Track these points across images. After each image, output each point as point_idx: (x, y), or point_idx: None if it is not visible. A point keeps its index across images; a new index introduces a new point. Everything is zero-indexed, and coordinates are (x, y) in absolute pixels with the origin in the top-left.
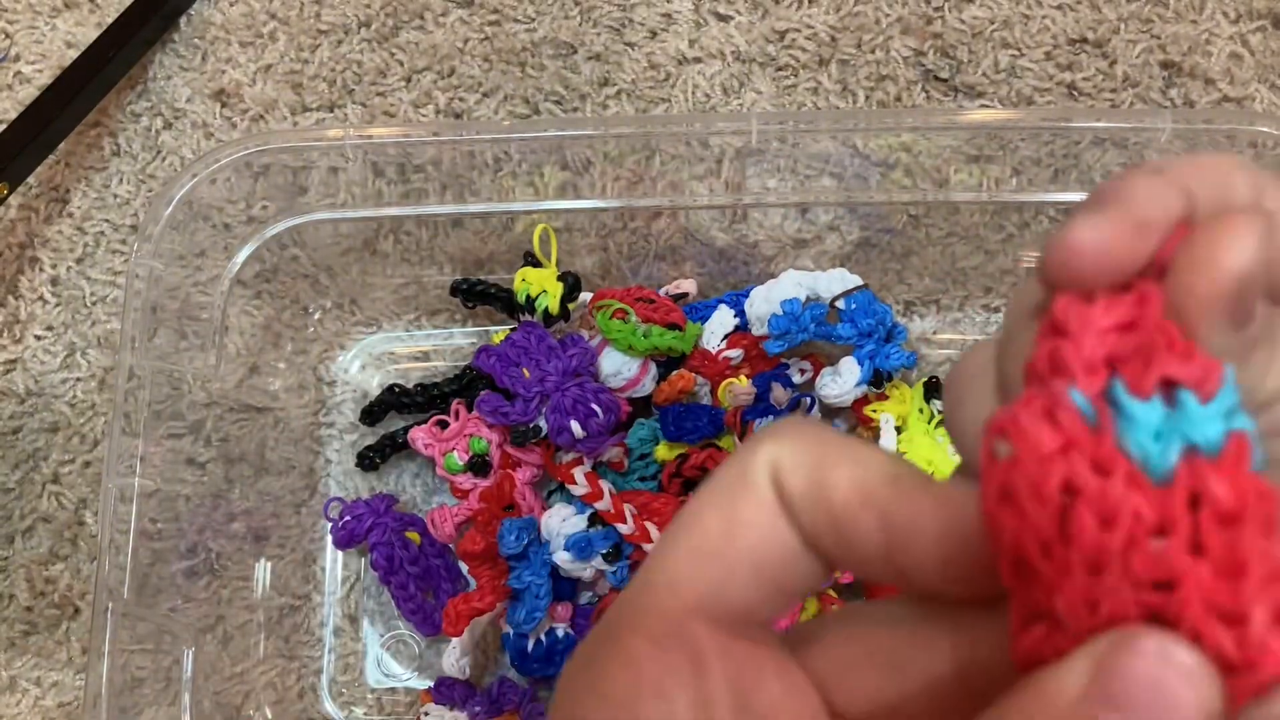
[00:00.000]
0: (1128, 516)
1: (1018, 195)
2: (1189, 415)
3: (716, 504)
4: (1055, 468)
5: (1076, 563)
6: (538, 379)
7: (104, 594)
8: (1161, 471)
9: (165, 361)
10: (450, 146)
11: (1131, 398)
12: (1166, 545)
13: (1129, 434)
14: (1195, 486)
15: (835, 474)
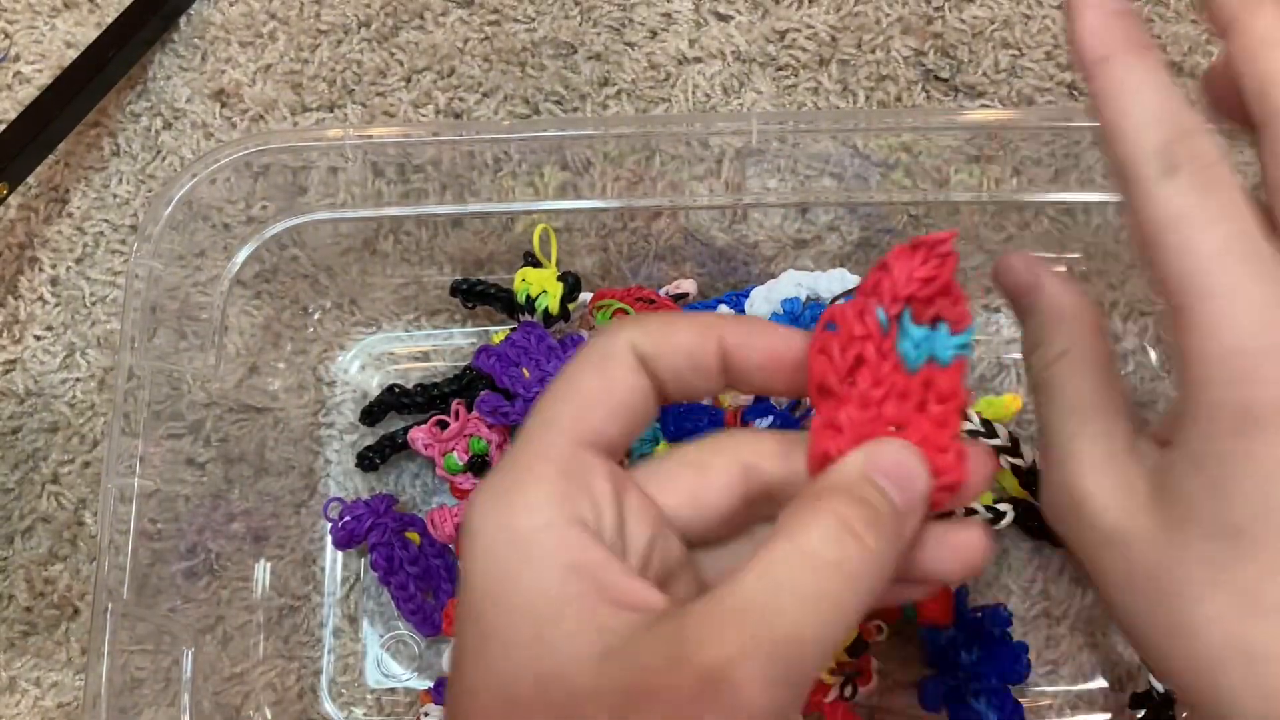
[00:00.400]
0: (886, 382)
1: (1018, 195)
2: (938, 339)
3: (592, 371)
4: (854, 343)
5: (855, 398)
6: (538, 379)
7: (103, 594)
8: (914, 366)
9: (165, 361)
10: (450, 146)
11: (910, 322)
12: (905, 403)
13: (903, 341)
14: (929, 377)
15: (676, 330)
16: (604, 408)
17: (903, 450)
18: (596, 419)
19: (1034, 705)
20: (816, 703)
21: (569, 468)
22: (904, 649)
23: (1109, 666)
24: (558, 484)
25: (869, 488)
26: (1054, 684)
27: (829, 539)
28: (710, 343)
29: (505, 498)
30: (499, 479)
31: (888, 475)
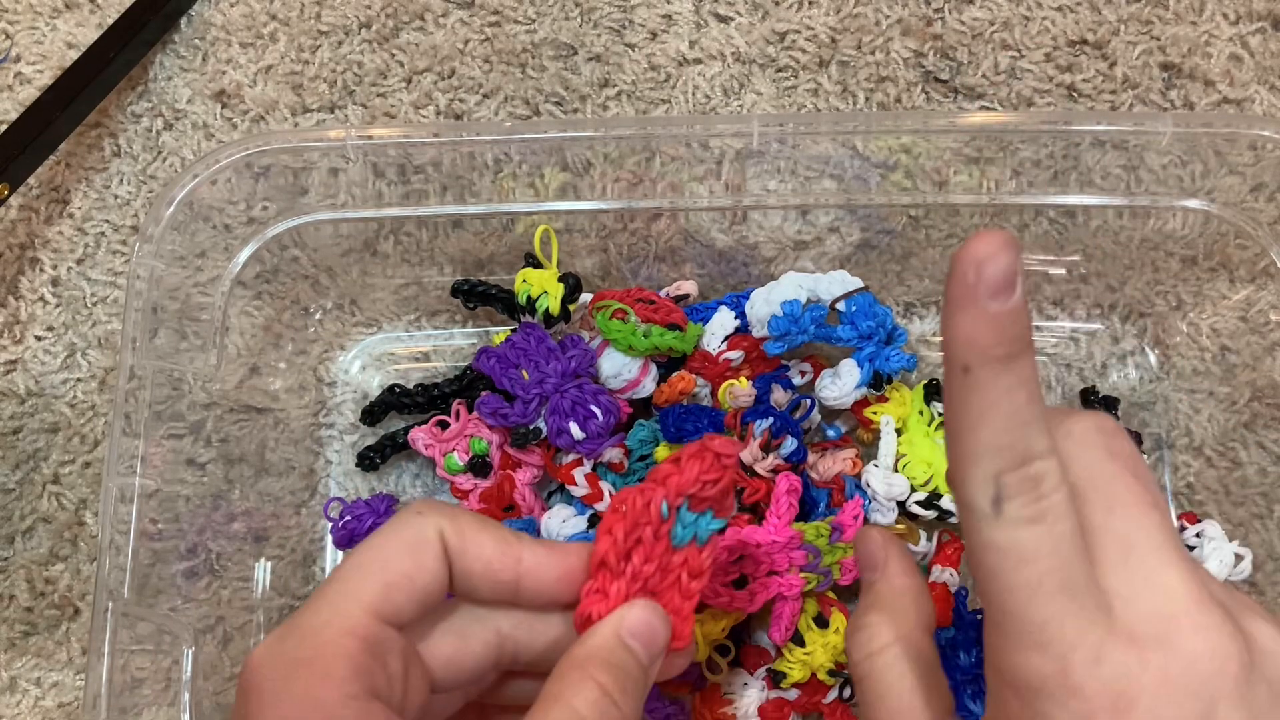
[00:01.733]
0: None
1: (1018, 197)
2: (702, 522)
3: (403, 552)
4: (636, 528)
5: (628, 573)
6: (537, 381)
7: (104, 594)
8: (679, 544)
9: (166, 362)
10: (450, 147)
11: (686, 511)
12: (665, 577)
13: (676, 526)
14: (687, 555)
15: (483, 539)
16: (408, 591)
17: (647, 611)
18: (400, 599)
19: None
20: (816, 703)
21: (372, 644)
22: None
23: None
24: (361, 659)
25: (621, 652)
26: None
27: (592, 703)
28: (509, 560)
29: (307, 666)
30: (296, 644)
31: (636, 636)
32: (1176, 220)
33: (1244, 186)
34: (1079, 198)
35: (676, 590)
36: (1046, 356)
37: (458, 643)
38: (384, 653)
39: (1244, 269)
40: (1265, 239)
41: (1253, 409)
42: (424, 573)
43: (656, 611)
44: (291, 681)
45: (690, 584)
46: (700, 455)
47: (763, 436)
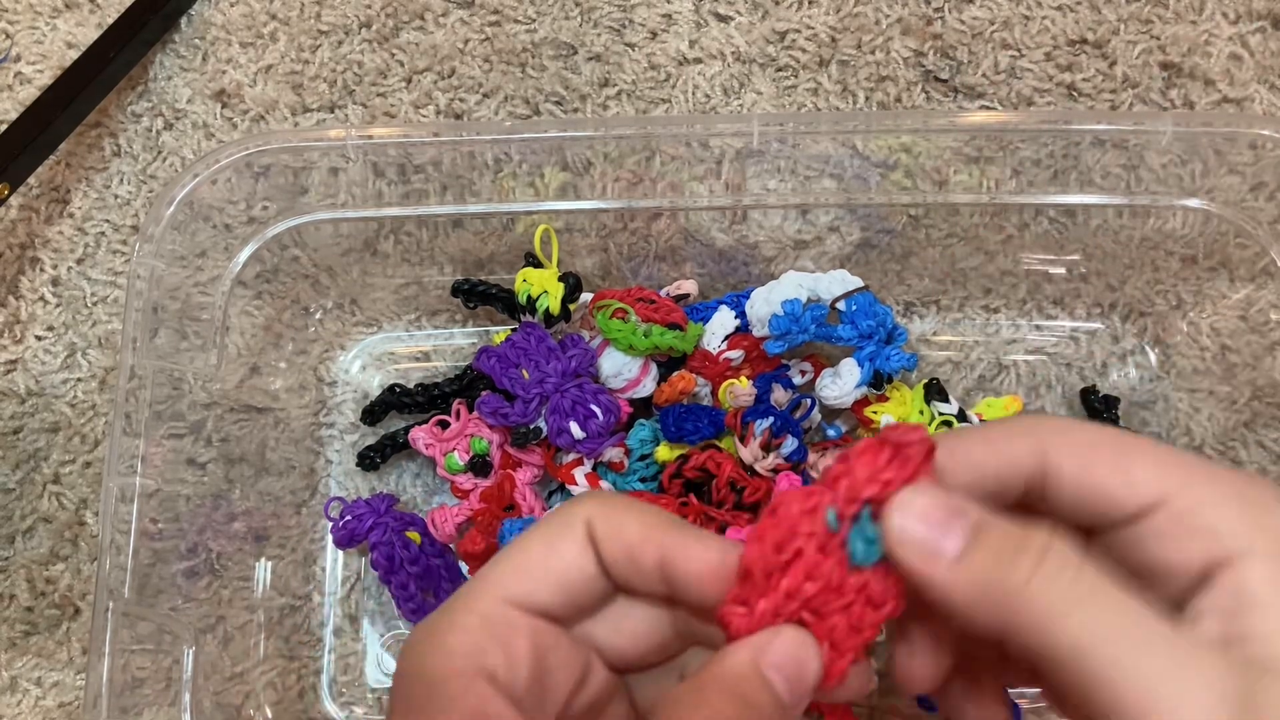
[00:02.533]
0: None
1: (1017, 196)
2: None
3: (542, 540)
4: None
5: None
6: (537, 380)
7: (104, 594)
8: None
9: (166, 361)
10: (450, 147)
11: (869, 521)
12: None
13: (854, 539)
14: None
15: (627, 521)
16: (540, 578)
17: (797, 643)
18: (531, 585)
19: (1033, 706)
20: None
21: (492, 624)
22: None
23: None
24: (476, 637)
25: (752, 684)
26: None
27: None
28: (651, 545)
29: (429, 640)
30: (433, 619)
31: (778, 669)
32: (1176, 219)
33: (1244, 186)
34: (1079, 197)
35: (846, 618)
36: (1047, 356)
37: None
38: (506, 635)
39: (1244, 268)
40: (1265, 238)
41: (1253, 408)
42: (560, 559)
43: (807, 644)
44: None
45: (866, 614)
46: (877, 450)
47: (763, 436)
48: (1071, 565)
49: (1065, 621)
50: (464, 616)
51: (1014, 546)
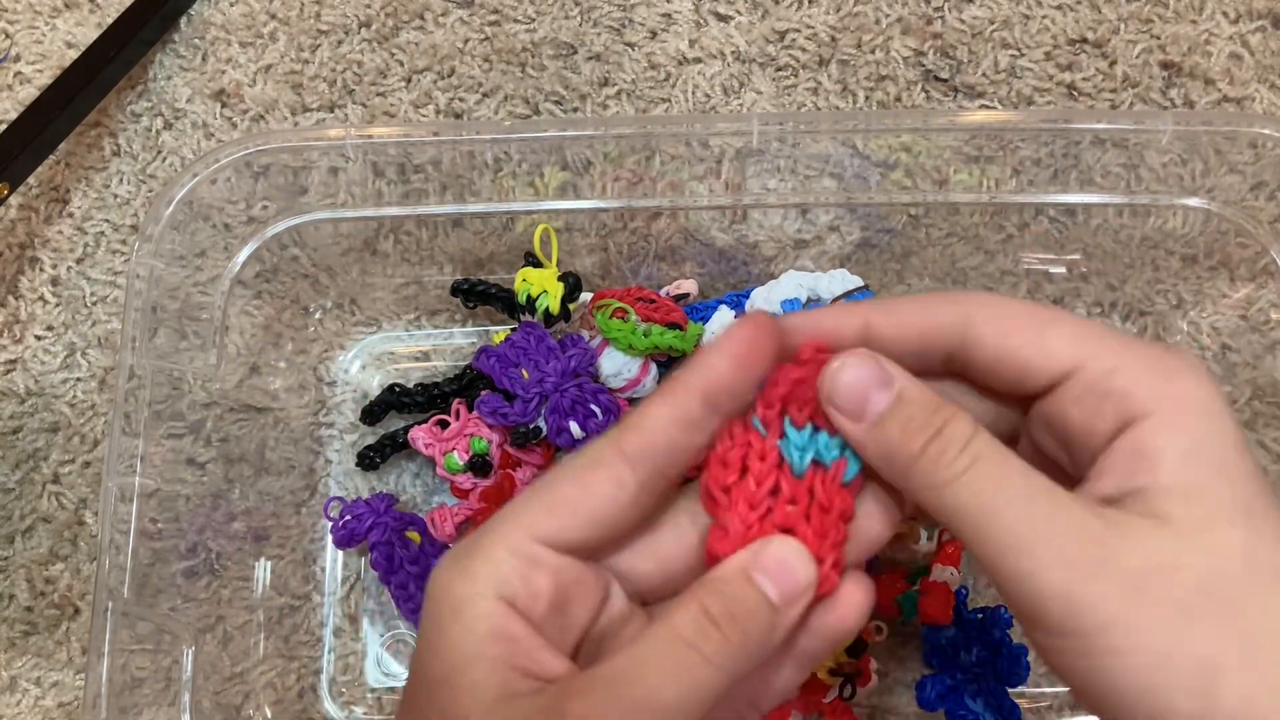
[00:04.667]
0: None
1: (1018, 196)
2: (819, 441)
3: (574, 477)
4: (737, 449)
5: (740, 502)
6: (536, 380)
7: (104, 594)
8: (799, 470)
9: (165, 361)
10: (450, 146)
11: (791, 425)
12: (793, 509)
13: (784, 445)
14: (813, 485)
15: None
16: (570, 516)
17: (785, 547)
18: (560, 522)
19: (1033, 706)
20: (816, 703)
21: (516, 556)
22: (904, 649)
23: None
24: (500, 566)
25: (740, 584)
26: (1054, 684)
27: (688, 622)
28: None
29: (457, 564)
30: (461, 545)
31: (767, 571)
32: (1177, 219)
33: (1244, 185)
34: (1079, 196)
35: (811, 529)
36: None
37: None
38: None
39: (1244, 267)
40: (1265, 237)
41: (1253, 408)
42: (593, 497)
43: (796, 550)
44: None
45: (825, 520)
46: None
47: None
48: (959, 441)
49: (945, 489)
50: (491, 548)
51: (920, 421)
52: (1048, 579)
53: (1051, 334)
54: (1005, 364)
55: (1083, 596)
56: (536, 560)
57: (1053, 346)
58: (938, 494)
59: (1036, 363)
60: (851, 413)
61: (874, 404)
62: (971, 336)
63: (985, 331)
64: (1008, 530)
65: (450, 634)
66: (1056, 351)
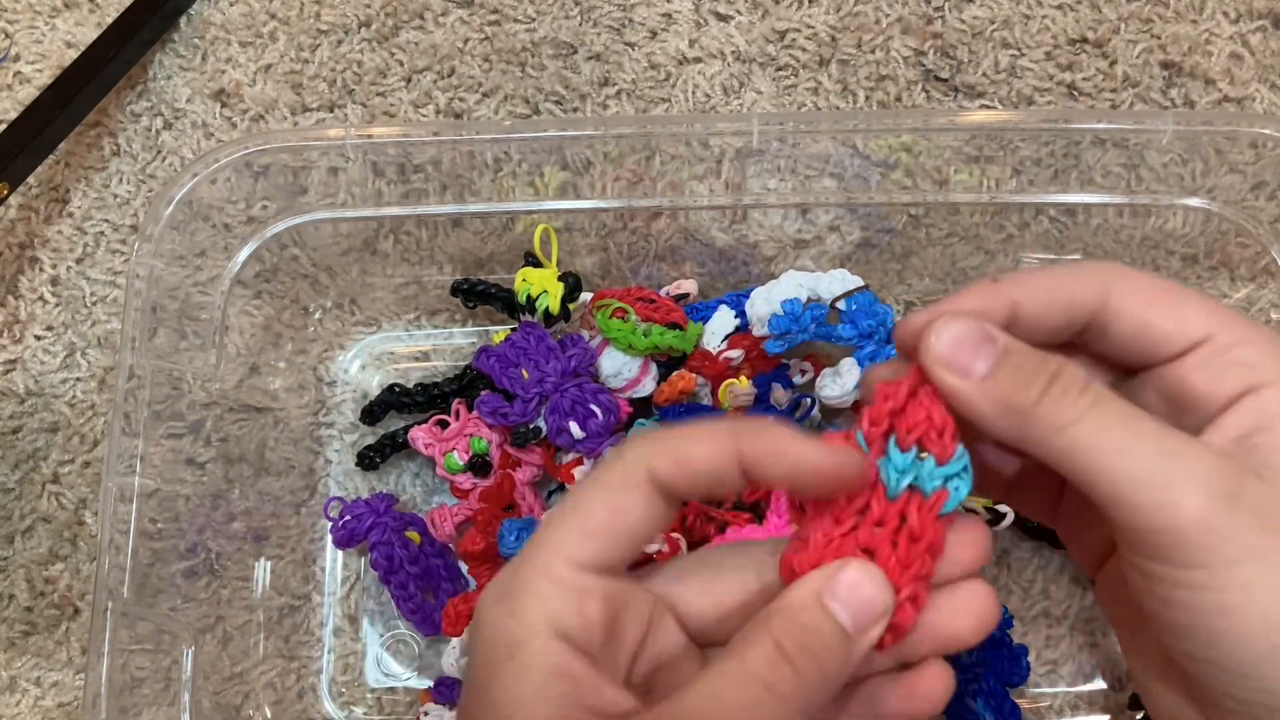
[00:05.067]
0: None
1: (1018, 196)
2: (923, 467)
3: (603, 498)
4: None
5: (825, 515)
6: (536, 380)
7: (104, 594)
8: (894, 493)
9: (165, 361)
10: (450, 146)
11: (894, 445)
12: (879, 531)
13: (884, 465)
14: (907, 511)
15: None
16: (608, 536)
17: (862, 573)
18: (599, 546)
19: (1034, 706)
20: None
21: (563, 588)
22: None
23: (1109, 667)
24: (552, 602)
25: (814, 613)
26: (1054, 685)
27: (763, 660)
28: (729, 459)
29: (503, 603)
30: (506, 579)
31: (840, 599)
32: (1177, 219)
33: (1244, 185)
34: (1079, 196)
35: (895, 556)
36: None
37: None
38: (580, 599)
39: (1244, 267)
40: (1266, 237)
41: None
42: (626, 515)
43: (874, 576)
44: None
45: (911, 549)
46: (897, 382)
47: None
48: (1077, 385)
49: (1070, 430)
50: (537, 583)
51: (1031, 369)
52: (1188, 507)
53: (1188, 307)
54: (1145, 332)
55: (1223, 527)
56: (586, 589)
57: (1189, 317)
58: (1064, 434)
59: (1173, 330)
60: (960, 368)
61: (982, 358)
62: (1113, 306)
63: (1127, 303)
64: (1143, 463)
65: (505, 677)
66: (1191, 323)
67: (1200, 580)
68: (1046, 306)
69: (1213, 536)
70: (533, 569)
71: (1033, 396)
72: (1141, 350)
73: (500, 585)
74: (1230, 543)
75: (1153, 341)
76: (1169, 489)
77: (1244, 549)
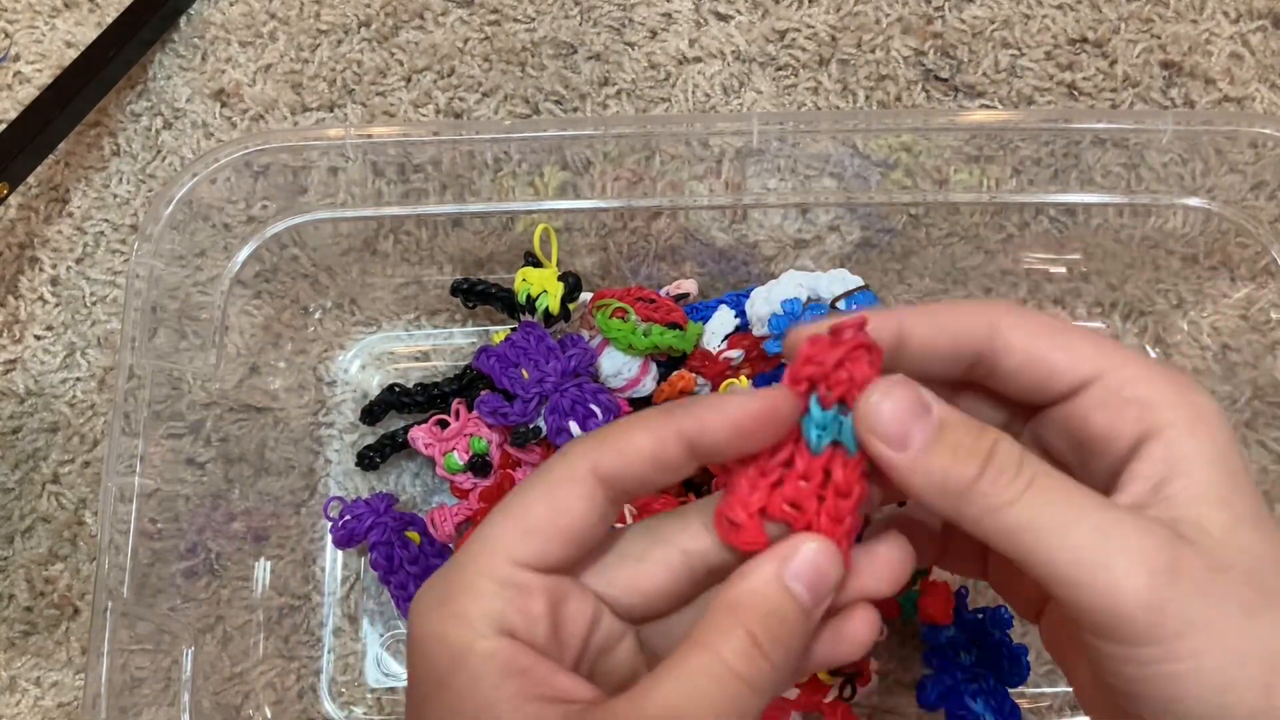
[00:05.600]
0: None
1: (1018, 195)
2: (845, 424)
3: (541, 496)
4: None
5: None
6: (536, 380)
7: (103, 594)
8: (816, 449)
9: (165, 361)
10: (450, 146)
11: (817, 403)
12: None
13: (806, 421)
14: (831, 466)
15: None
16: (550, 536)
17: (820, 551)
18: (540, 545)
19: (1034, 706)
20: (816, 703)
21: (505, 587)
22: (904, 649)
23: None
24: (493, 601)
25: (780, 596)
26: (1054, 684)
27: (739, 653)
28: (672, 441)
29: (443, 608)
30: (439, 587)
31: (801, 578)
32: (1177, 218)
33: (1244, 184)
34: (1079, 196)
35: (824, 511)
36: None
37: (634, 568)
38: (521, 596)
39: (1244, 267)
40: (1266, 237)
41: (1254, 407)
42: (568, 514)
43: (828, 551)
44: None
45: (839, 503)
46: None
47: None
48: (1014, 461)
49: (1007, 511)
50: (476, 581)
51: (969, 445)
52: (1131, 589)
53: (1078, 343)
54: (1032, 368)
55: (1166, 604)
56: (525, 587)
57: (1080, 353)
58: (999, 516)
59: (1064, 367)
60: (896, 442)
61: (918, 432)
62: (1001, 342)
63: (1015, 336)
64: (1083, 544)
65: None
66: (1082, 357)
67: (1150, 655)
68: (933, 336)
69: (1157, 615)
70: (471, 570)
71: (970, 475)
72: (1034, 386)
73: (436, 590)
74: (1174, 617)
75: (1043, 377)
76: (1110, 570)
77: (1189, 621)
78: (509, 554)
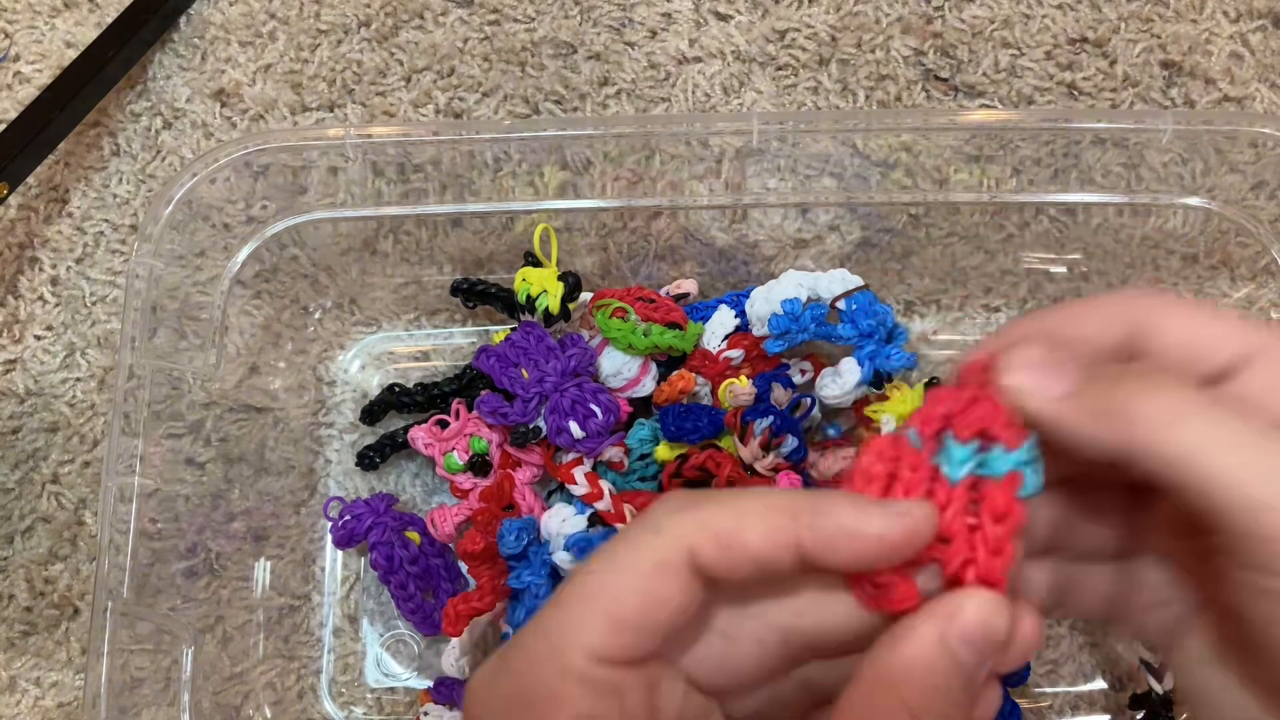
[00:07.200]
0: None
1: (1018, 195)
2: (989, 456)
3: (636, 583)
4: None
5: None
6: (536, 380)
7: (103, 594)
8: (955, 480)
9: (165, 361)
10: (450, 146)
11: (952, 439)
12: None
13: (943, 457)
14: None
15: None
16: (638, 628)
17: (986, 607)
18: (629, 638)
19: (1034, 706)
20: None
21: (597, 690)
22: None
23: (1109, 667)
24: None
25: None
26: (1054, 684)
27: None
28: (785, 552)
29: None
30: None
31: (966, 638)
32: (1177, 218)
33: (1245, 184)
34: (1079, 196)
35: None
36: None
37: (723, 647)
38: (618, 695)
39: (1245, 267)
40: (1266, 237)
41: None
42: (664, 606)
43: (994, 605)
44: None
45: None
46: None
47: (763, 435)
48: (1174, 382)
49: (1176, 428)
50: (563, 686)
51: (1120, 373)
52: None
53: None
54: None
55: None
56: (618, 687)
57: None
58: (1172, 430)
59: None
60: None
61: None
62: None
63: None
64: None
65: None
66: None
67: None
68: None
69: None
70: (553, 669)
71: (1132, 391)
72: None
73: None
74: None
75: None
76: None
77: None
78: (597, 650)
